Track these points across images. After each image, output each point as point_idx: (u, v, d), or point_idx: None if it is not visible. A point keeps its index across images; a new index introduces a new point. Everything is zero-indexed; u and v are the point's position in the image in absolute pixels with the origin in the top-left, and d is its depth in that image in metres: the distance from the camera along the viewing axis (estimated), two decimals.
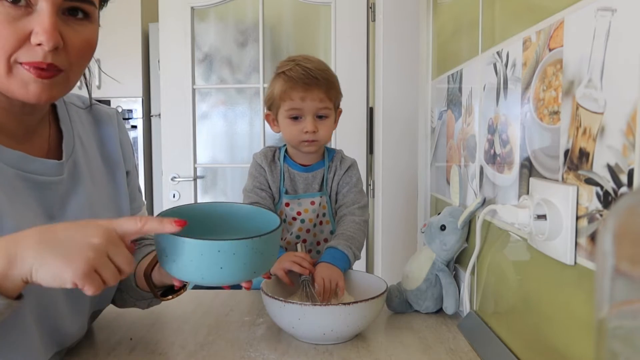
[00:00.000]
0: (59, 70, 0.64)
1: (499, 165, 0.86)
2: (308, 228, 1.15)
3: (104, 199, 0.81)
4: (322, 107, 1.09)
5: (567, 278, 0.63)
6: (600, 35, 0.55)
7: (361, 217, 1.13)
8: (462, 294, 1.01)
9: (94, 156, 0.82)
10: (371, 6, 2.13)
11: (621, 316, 0.32)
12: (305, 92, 1.07)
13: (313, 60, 1.12)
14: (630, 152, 0.50)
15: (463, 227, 1.01)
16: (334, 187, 1.16)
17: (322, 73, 1.09)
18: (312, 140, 1.10)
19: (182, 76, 2.26)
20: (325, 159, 1.18)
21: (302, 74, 1.07)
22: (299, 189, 1.16)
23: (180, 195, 2.31)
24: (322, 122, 1.10)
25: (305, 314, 0.85)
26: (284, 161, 1.16)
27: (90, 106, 0.86)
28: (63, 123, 0.77)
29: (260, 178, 1.15)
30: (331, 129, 1.13)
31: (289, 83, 1.08)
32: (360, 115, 2.16)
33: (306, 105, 1.08)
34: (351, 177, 1.16)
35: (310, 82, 1.07)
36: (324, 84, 1.08)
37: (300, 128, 1.09)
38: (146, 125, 3.02)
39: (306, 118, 1.09)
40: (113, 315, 1.00)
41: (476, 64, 1.00)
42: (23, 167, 0.68)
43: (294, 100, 1.08)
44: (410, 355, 0.85)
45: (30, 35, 0.60)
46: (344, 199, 1.15)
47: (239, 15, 2.36)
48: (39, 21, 0.60)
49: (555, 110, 0.66)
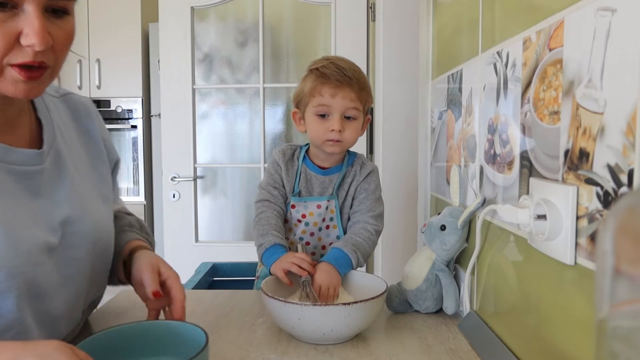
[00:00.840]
0: (47, 67, 0.66)
1: (499, 165, 0.86)
2: (312, 231, 1.13)
3: (89, 187, 0.82)
4: (351, 107, 1.07)
5: (567, 278, 0.63)
6: (600, 35, 0.55)
7: (374, 226, 1.10)
8: (462, 294, 1.01)
9: (75, 144, 0.82)
10: (371, 6, 2.13)
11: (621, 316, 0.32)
12: (336, 89, 1.06)
13: (348, 62, 1.10)
14: (630, 152, 0.50)
15: (463, 227, 1.01)
16: (351, 191, 1.14)
17: (356, 74, 1.08)
18: (337, 140, 1.07)
19: (182, 76, 2.26)
20: (344, 162, 1.15)
21: (336, 71, 1.06)
22: (314, 192, 1.14)
23: (180, 195, 2.31)
24: (349, 123, 1.08)
25: (305, 314, 0.84)
26: (303, 161, 1.14)
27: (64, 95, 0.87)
28: (41, 113, 0.78)
29: (275, 176, 1.14)
30: (357, 133, 1.10)
31: (320, 79, 1.07)
32: None
33: (335, 103, 1.06)
34: (370, 183, 1.14)
35: (343, 80, 1.06)
36: (356, 83, 1.06)
37: (327, 126, 1.07)
38: (146, 125, 3.02)
39: (333, 116, 1.07)
40: (113, 315, 1.00)
41: (476, 64, 1.00)
42: (4, 159, 0.68)
43: (324, 96, 1.06)
44: (410, 355, 0.85)
45: (19, 36, 0.61)
46: (360, 206, 1.13)
47: (239, 15, 2.36)
48: (28, 23, 0.60)
49: (555, 110, 0.66)
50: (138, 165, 3.00)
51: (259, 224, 1.09)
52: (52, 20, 0.64)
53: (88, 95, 2.99)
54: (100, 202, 0.83)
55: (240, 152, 2.47)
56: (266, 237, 1.06)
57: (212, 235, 2.44)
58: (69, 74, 2.99)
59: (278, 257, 1.02)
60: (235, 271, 1.70)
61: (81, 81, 2.97)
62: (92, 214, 0.79)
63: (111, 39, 2.94)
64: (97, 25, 2.95)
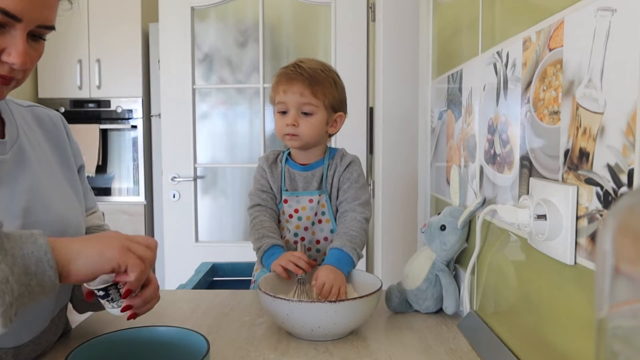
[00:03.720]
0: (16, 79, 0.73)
1: (499, 165, 0.86)
2: (306, 226, 1.15)
3: (54, 184, 0.84)
4: (304, 103, 1.09)
5: (567, 278, 0.63)
6: (600, 35, 0.55)
7: (362, 215, 1.11)
8: (462, 294, 1.01)
9: (41, 145, 0.86)
10: (371, 6, 2.13)
11: (621, 316, 0.32)
12: (288, 85, 1.09)
13: (312, 61, 1.13)
14: (630, 152, 0.50)
15: (463, 227, 1.01)
16: (335, 183, 1.16)
17: (311, 70, 1.10)
18: (293, 134, 1.10)
19: (182, 76, 2.26)
20: (325, 157, 1.18)
21: (291, 69, 1.11)
22: (299, 187, 1.17)
23: (180, 195, 2.31)
24: (305, 119, 1.10)
25: (293, 310, 0.87)
26: (286, 162, 1.18)
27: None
28: (4, 114, 0.82)
29: (262, 180, 1.18)
30: (316, 128, 1.11)
31: (276, 78, 1.13)
32: (360, 115, 2.16)
33: (289, 99, 1.10)
34: (352, 172, 1.15)
35: (294, 75, 1.09)
36: (308, 78, 1.09)
37: (284, 121, 1.11)
38: (146, 125, 3.02)
39: (290, 112, 1.10)
40: (113, 316, 1.00)
41: (476, 64, 1.00)
42: None
43: (279, 94, 1.11)
44: (410, 355, 0.85)
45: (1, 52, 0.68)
46: (345, 195, 1.14)
47: (239, 15, 2.36)
48: (13, 44, 0.68)
49: (555, 110, 0.66)
50: (138, 165, 3.00)
51: (254, 229, 1.13)
52: (30, 43, 0.71)
53: (88, 95, 2.99)
54: (69, 199, 0.86)
55: (240, 152, 2.47)
56: (263, 240, 1.09)
57: (212, 235, 2.44)
58: (69, 74, 2.98)
59: (277, 257, 1.05)
60: (235, 271, 1.71)
61: (81, 81, 2.97)
62: (56, 207, 0.81)
63: (111, 39, 2.93)
64: (97, 25, 2.95)
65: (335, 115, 1.15)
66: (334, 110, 1.14)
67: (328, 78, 1.12)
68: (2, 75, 0.69)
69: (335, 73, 1.16)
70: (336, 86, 1.14)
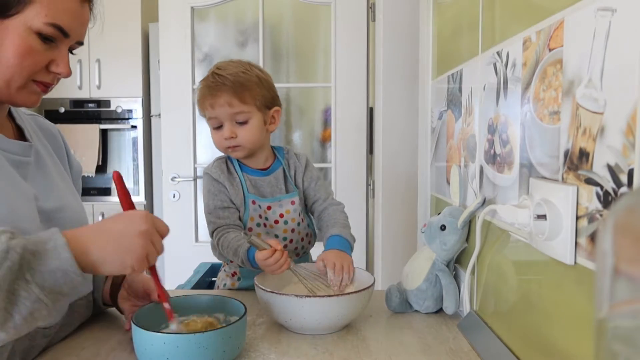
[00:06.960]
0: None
1: (499, 165, 0.86)
2: (293, 228, 1.14)
3: (67, 186, 0.91)
4: (235, 112, 1.05)
5: (567, 278, 0.63)
6: (600, 35, 0.55)
7: (341, 206, 1.17)
8: (462, 294, 1.01)
9: (48, 151, 0.91)
10: (371, 6, 2.13)
11: (621, 316, 0.32)
12: (214, 98, 1.04)
13: (230, 65, 1.07)
14: (630, 152, 0.50)
15: (463, 227, 1.01)
16: (299, 183, 1.17)
17: (233, 76, 1.04)
18: (234, 146, 1.08)
19: (182, 76, 2.26)
20: (278, 158, 1.17)
21: (211, 81, 1.05)
22: (266, 193, 1.13)
23: (180, 195, 2.31)
24: (242, 127, 1.06)
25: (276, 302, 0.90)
26: (241, 170, 1.13)
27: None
28: (19, 120, 0.87)
29: (220, 195, 1.10)
30: (255, 132, 1.07)
31: (200, 92, 1.08)
32: (360, 115, 2.16)
33: (218, 113, 1.05)
34: (312, 171, 1.18)
35: (217, 88, 1.04)
36: (231, 88, 1.03)
37: (221, 135, 1.07)
38: (146, 125, 3.02)
39: (225, 125, 1.06)
40: (113, 316, 1.00)
41: (476, 64, 1.00)
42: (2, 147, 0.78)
43: (207, 109, 1.06)
44: (410, 355, 0.85)
45: (49, 63, 0.77)
46: (317, 194, 1.17)
47: (239, 15, 2.36)
48: (61, 56, 0.77)
49: (555, 110, 0.66)
50: (138, 165, 3.00)
51: (224, 248, 1.06)
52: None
53: (88, 95, 2.98)
54: (78, 201, 0.94)
55: None
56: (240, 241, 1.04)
57: None
58: None
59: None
60: None
61: (81, 81, 2.97)
62: (71, 205, 0.88)
63: (111, 39, 2.93)
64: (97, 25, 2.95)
65: (271, 112, 1.11)
66: (267, 108, 1.10)
67: (252, 78, 1.06)
68: (46, 83, 0.78)
69: (257, 69, 1.10)
70: (262, 83, 1.08)
